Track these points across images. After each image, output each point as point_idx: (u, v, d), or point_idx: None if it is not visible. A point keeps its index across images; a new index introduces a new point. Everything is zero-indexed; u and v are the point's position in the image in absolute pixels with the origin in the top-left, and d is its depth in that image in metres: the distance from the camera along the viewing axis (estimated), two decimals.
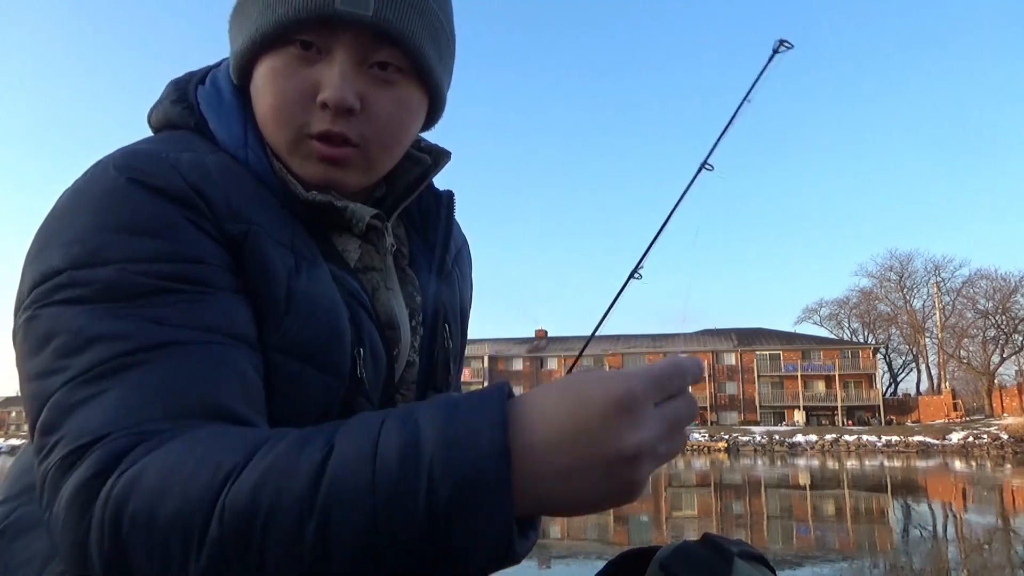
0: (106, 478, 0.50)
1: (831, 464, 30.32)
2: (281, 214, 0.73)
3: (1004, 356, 53.77)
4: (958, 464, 29.39)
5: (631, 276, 1.11)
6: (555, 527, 11.58)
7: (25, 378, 0.59)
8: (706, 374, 56.15)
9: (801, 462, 31.85)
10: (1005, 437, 38.18)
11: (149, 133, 0.81)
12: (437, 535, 0.43)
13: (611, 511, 14.32)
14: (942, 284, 58.83)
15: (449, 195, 0.93)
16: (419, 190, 0.87)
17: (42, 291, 0.60)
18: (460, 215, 0.96)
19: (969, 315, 56.42)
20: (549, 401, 0.47)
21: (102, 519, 0.49)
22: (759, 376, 56.16)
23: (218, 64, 0.84)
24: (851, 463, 30.63)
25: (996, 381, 52.08)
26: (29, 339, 0.60)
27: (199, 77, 0.82)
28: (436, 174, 0.88)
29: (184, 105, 0.78)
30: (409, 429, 0.46)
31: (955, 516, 12.91)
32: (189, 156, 0.69)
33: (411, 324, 0.83)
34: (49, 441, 0.54)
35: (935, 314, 58.07)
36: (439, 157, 0.88)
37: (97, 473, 0.51)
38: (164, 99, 0.80)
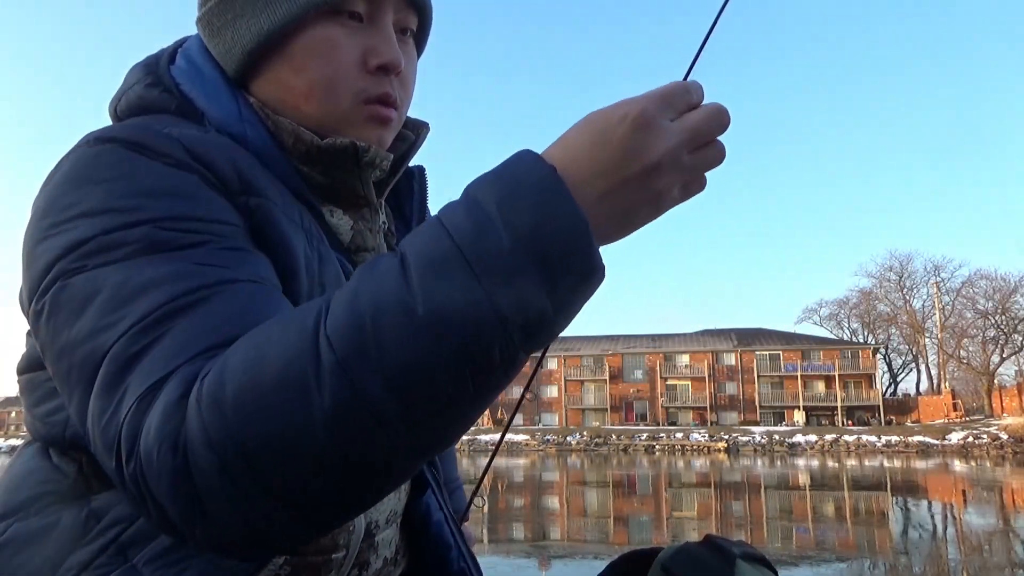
0: (190, 391, 0.49)
1: (831, 464, 30.34)
2: (284, 191, 0.71)
3: (1004, 356, 53.82)
4: (958, 464, 29.42)
5: None
6: (555, 528, 11.58)
7: (63, 350, 0.55)
8: (706, 374, 56.26)
9: (801, 462, 31.87)
10: (1005, 437, 38.23)
11: None
12: (530, 249, 0.47)
13: (610, 513, 14.30)
14: (942, 284, 58.87)
15: (420, 169, 0.93)
16: (407, 163, 0.87)
17: (69, 261, 0.57)
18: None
19: (969, 315, 56.53)
20: (577, 143, 0.52)
21: (200, 418, 0.47)
22: (759, 376, 56.14)
23: (181, 43, 0.80)
24: (851, 463, 30.66)
25: (996, 381, 52.09)
26: (63, 309, 0.56)
27: (167, 57, 0.77)
28: (420, 147, 0.88)
29: (161, 88, 0.74)
30: (469, 201, 0.50)
31: (955, 516, 12.92)
32: (187, 131, 0.66)
33: None
34: (115, 398, 0.51)
35: (935, 314, 58.07)
36: (419, 130, 0.88)
37: (183, 393, 0.49)
38: (135, 84, 0.75)
